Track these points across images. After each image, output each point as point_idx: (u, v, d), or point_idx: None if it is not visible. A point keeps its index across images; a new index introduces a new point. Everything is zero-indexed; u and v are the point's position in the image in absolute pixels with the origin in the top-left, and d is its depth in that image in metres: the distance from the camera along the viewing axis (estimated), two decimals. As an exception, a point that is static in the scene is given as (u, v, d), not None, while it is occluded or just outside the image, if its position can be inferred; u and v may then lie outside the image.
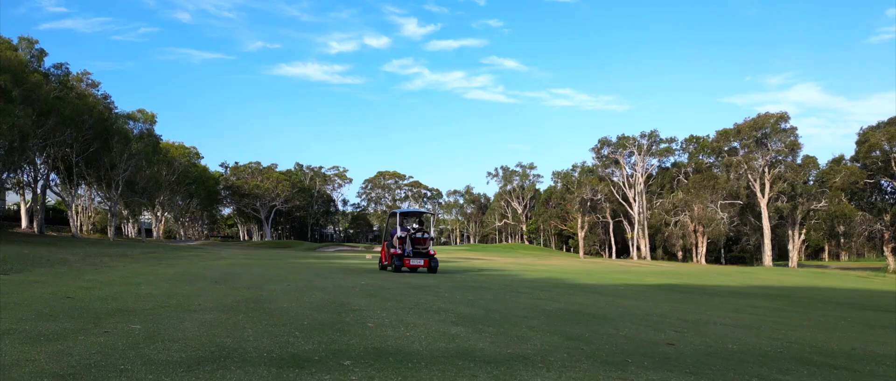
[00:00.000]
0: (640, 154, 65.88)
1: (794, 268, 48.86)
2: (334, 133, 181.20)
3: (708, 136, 63.92)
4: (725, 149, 50.55)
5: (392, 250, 18.55)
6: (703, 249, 63.98)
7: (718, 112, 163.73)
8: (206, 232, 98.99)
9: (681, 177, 67.19)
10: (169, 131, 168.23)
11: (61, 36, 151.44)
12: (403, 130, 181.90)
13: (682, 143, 66.24)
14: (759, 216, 49.49)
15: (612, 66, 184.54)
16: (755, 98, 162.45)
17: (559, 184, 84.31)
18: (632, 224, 71.59)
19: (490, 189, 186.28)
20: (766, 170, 49.10)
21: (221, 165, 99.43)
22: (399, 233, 18.55)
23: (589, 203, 72.00)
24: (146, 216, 79.43)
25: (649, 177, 68.00)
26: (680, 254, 70.86)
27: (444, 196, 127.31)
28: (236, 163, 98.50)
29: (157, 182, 57.79)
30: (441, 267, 20.86)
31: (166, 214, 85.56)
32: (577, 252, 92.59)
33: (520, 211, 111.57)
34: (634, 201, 68.29)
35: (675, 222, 64.46)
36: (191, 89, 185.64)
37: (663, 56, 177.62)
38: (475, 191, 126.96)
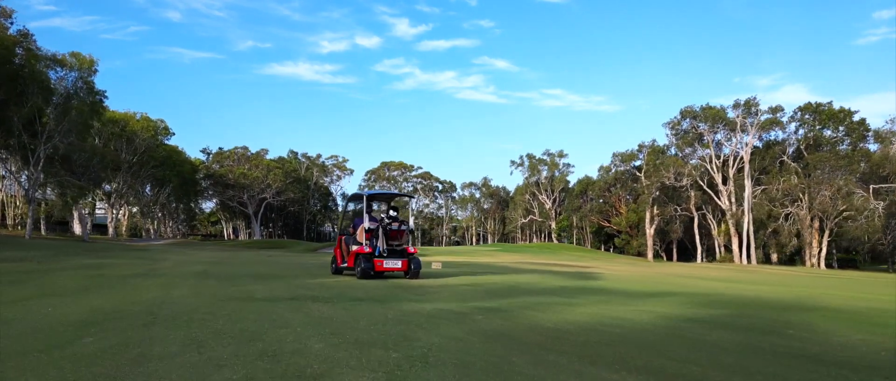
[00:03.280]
0: (750, 128, 50.97)
1: None
2: (327, 131, 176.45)
3: (830, 102, 49.26)
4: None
5: (356, 248, 13.01)
6: (819, 250, 49.51)
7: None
8: (181, 229, 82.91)
9: (785, 158, 52.60)
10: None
11: (50, 34, 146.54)
12: (395, 129, 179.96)
13: (792, 113, 51.51)
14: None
15: (602, 66, 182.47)
16: (744, 99, 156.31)
17: (614, 169, 69.43)
18: (716, 218, 56.97)
19: (511, 181, 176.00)
20: None
21: (203, 151, 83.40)
22: (366, 223, 13.00)
23: (658, 191, 57.30)
24: (100, 208, 63.75)
25: (742, 157, 53.29)
26: (775, 256, 56.22)
27: (459, 189, 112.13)
28: (220, 149, 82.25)
29: (104, 160, 42.31)
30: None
31: (132, 207, 69.85)
32: (625, 253, 78.23)
33: (548, 205, 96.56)
34: (724, 187, 53.62)
35: (786, 215, 49.82)
36: (181, 88, 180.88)
37: (653, 57, 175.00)
38: (493, 183, 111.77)
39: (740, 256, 50.89)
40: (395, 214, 13.87)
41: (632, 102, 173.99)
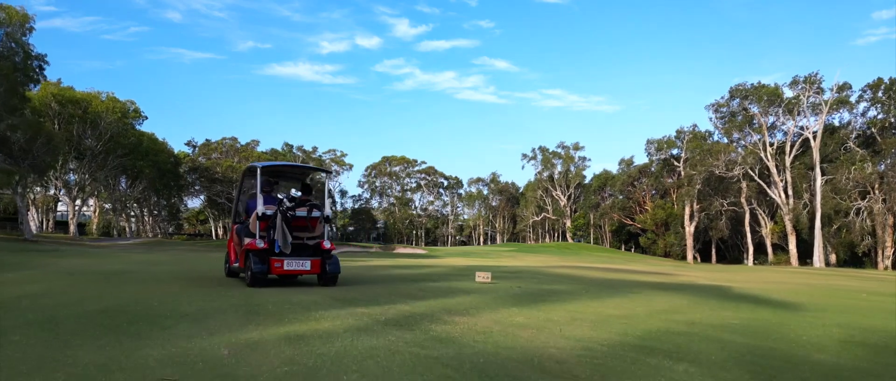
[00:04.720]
0: (824, 108, 43.59)
1: None
2: (326, 131, 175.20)
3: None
4: None
5: (248, 242, 9.37)
6: (893, 249, 42.41)
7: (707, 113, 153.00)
8: (163, 228, 75.47)
9: (851, 144, 45.38)
10: (158, 130, 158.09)
11: (50, 35, 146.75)
12: (395, 129, 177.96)
13: (860, 91, 44.21)
14: None
15: (602, 67, 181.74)
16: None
17: (648, 158, 62.30)
18: (768, 213, 49.73)
19: (521, 177, 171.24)
20: None
21: (188, 143, 75.90)
22: (260, 208, 9.32)
23: (700, 184, 50.08)
24: (63, 203, 56.51)
25: (804, 142, 46.06)
26: (834, 256, 49.00)
27: (466, 185, 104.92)
28: (207, 140, 74.73)
29: (50, 142, 35.07)
30: None
31: (104, 202, 62.65)
32: (649, 254, 71.04)
33: (563, 202, 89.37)
34: (779, 177, 46.40)
35: (858, 210, 42.61)
36: (181, 89, 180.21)
37: (653, 57, 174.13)
38: (502, 179, 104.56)
39: (814, 256, 43.60)
40: (299, 194, 9.77)
41: (631, 101, 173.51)
